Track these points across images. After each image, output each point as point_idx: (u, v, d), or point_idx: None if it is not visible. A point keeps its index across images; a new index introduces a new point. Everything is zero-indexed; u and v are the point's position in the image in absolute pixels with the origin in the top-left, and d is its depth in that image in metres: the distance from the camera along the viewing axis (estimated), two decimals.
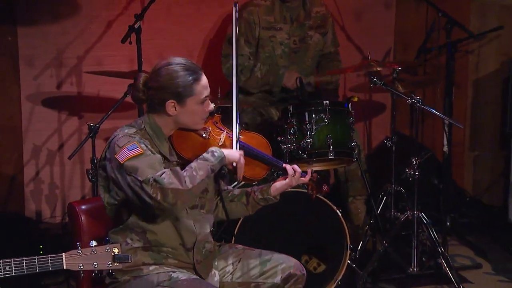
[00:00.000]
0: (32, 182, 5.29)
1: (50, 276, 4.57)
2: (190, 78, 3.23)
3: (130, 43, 4.48)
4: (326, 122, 4.35)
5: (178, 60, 3.27)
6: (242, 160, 3.32)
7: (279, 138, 4.34)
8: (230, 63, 4.81)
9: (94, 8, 5.17)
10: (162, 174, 3.09)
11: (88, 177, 4.46)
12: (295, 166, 3.46)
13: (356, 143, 4.45)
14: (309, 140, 4.32)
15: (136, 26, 4.47)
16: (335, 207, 4.25)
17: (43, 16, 5.13)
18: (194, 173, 3.15)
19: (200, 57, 5.39)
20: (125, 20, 4.91)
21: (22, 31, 5.11)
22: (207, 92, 3.28)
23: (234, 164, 3.31)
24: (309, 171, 3.49)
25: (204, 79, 3.27)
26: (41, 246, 4.65)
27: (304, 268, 3.45)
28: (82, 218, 3.43)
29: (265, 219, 4.12)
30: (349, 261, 4.33)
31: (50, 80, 5.20)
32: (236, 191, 3.54)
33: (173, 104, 3.23)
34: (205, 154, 3.24)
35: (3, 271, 2.78)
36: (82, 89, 5.23)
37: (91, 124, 4.38)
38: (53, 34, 5.14)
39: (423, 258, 4.66)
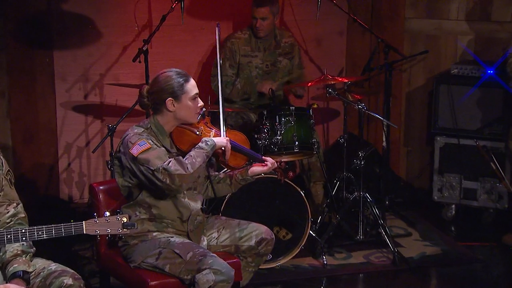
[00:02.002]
0: (65, 171, 5.23)
1: (79, 243, 4.53)
2: (181, 79, 3.21)
3: (140, 62, 4.44)
4: (292, 123, 4.33)
5: (170, 69, 3.27)
6: (229, 145, 3.32)
7: (256, 136, 4.31)
8: (216, 82, 4.77)
9: (113, 36, 5.12)
10: (169, 163, 3.07)
11: (107, 167, 4.44)
12: (269, 158, 3.47)
13: (316, 139, 4.44)
14: (279, 137, 4.30)
15: (144, 48, 4.43)
16: (299, 189, 4.23)
17: (73, 42, 5.09)
18: (194, 160, 3.14)
19: (195, 74, 5.34)
20: (136, 45, 4.86)
21: (57, 54, 5.07)
22: (196, 90, 3.26)
23: (223, 148, 3.30)
24: (273, 161, 3.47)
25: (192, 80, 3.26)
26: (71, 221, 4.59)
27: (273, 234, 3.44)
28: (100, 195, 3.41)
29: (246, 198, 4.10)
30: (310, 231, 4.31)
31: (79, 92, 5.15)
32: (221, 175, 3.53)
33: (171, 101, 3.20)
34: (200, 144, 3.23)
35: (37, 236, 2.76)
36: (103, 99, 5.19)
37: (110, 126, 4.35)
38: (81, 56, 5.10)
39: (367, 229, 4.65)
